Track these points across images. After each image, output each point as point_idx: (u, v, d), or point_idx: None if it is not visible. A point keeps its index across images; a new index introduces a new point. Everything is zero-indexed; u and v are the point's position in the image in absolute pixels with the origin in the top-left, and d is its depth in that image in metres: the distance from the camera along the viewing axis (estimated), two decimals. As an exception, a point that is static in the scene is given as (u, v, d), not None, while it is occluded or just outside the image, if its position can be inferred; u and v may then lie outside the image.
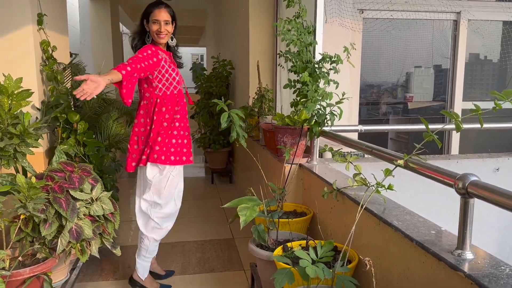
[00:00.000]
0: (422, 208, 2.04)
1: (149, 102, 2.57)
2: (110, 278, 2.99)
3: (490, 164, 3.18)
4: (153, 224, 2.65)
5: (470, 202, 1.39)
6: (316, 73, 2.71)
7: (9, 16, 2.87)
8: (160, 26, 2.50)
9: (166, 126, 2.57)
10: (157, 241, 2.71)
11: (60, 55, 3.35)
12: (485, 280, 1.23)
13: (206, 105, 5.88)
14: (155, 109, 2.55)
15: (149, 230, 2.66)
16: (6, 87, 2.14)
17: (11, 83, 2.16)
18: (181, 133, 2.63)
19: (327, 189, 2.32)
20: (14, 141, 2.14)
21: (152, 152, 2.52)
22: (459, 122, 1.49)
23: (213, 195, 5.26)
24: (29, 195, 2.09)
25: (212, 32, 8.74)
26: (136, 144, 2.61)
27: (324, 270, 1.67)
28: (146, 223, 2.66)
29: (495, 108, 1.39)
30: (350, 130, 3.23)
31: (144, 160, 2.55)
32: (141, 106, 2.60)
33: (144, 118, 2.60)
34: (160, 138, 2.53)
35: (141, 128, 2.60)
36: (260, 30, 4.42)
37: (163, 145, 2.54)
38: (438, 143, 1.59)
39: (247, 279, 2.95)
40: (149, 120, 2.57)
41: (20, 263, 2.24)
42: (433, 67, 5.26)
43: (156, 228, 2.66)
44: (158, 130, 2.54)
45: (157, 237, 2.69)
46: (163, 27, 2.51)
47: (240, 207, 2.13)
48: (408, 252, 1.61)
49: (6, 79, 2.16)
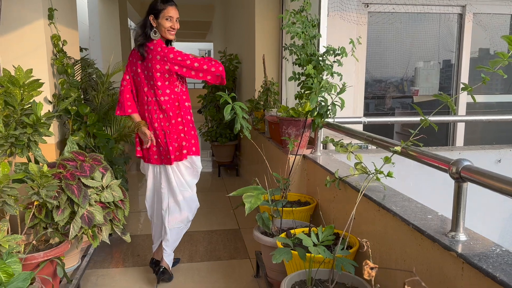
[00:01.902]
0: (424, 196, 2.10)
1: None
2: (120, 265, 3.08)
3: (492, 156, 3.22)
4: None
5: (463, 186, 1.45)
6: (320, 65, 2.77)
7: (22, 10, 2.96)
8: (173, 23, 2.62)
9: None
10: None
11: (70, 49, 3.44)
12: (476, 259, 1.29)
13: (213, 99, 5.96)
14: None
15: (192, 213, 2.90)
16: (17, 79, 2.23)
17: (21, 74, 2.25)
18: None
19: (330, 178, 2.39)
20: (27, 131, 2.23)
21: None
22: (452, 104, 1.54)
23: (220, 187, 5.34)
24: (41, 183, 2.18)
25: (219, 27, 8.80)
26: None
27: (325, 251, 1.74)
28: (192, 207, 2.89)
29: (484, 81, 1.44)
30: (353, 122, 3.29)
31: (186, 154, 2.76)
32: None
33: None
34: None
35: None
36: (266, 24, 4.48)
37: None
38: (434, 126, 1.65)
39: (252, 267, 3.03)
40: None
41: (34, 248, 2.34)
42: (439, 61, 5.28)
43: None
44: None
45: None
46: (176, 24, 2.64)
47: (245, 195, 2.20)
48: (406, 236, 1.67)
49: (16, 71, 2.25)
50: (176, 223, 2.80)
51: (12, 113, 2.25)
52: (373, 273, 1.07)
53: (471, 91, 1.49)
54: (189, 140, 2.72)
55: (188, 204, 2.82)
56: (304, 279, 1.89)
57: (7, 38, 2.94)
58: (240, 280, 2.85)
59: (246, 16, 5.10)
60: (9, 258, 1.76)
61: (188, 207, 2.83)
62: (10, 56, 2.93)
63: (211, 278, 2.89)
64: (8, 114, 2.26)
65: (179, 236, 2.87)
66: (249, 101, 4.33)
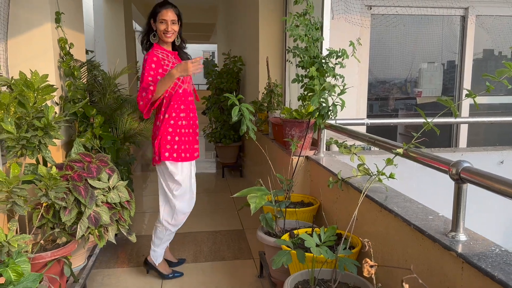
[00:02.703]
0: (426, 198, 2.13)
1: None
2: (125, 265, 3.12)
3: (494, 157, 3.24)
4: None
5: (463, 187, 1.48)
6: (323, 67, 2.80)
7: (29, 14, 3.01)
8: (167, 25, 2.63)
9: (185, 124, 2.72)
10: None
11: (77, 52, 3.49)
12: (475, 258, 1.32)
13: (217, 100, 6.01)
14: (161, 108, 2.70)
15: None
16: (32, 82, 2.28)
17: (37, 79, 2.30)
18: (187, 131, 2.75)
19: (332, 179, 2.42)
20: (38, 133, 2.28)
21: None
22: (455, 109, 1.57)
23: (224, 188, 5.38)
24: (50, 185, 2.22)
25: (223, 29, 8.85)
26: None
27: (327, 252, 1.77)
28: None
29: (488, 89, 1.47)
30: (356, 124, 3.32)
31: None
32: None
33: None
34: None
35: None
36: (269, 26, 4.52)
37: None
38: (436, 130, 1.68)
39: (256, 267, 3.06)
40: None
41: (42, 248, 2.38)
42: (442, 62, 5.30)
43: None
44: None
45: None
46: (170, 26, 2.63)
47: (250, 195, 2.23)
48: (407, 236, 1.70)
49: (32, 75, 2.30)
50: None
51: (24, 116, 2.30)
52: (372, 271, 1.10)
53: (475, 97, 1.52)
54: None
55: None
56: (307, 278, 1.92)
57: (15, 41, 2.99)
58: (244, 280, 2.89)
59: (250, 18, 5.14)
60: (18, 257, 1.80)
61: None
62: (18, 59, 2.98)
63: (215, 278, 2.93)
64: (20, 117, 2.31)
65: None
66: (253, 102, 4.36)
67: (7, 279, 1.69)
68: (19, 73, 2.37)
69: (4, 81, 2.34)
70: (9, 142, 2.22)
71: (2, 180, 2.07)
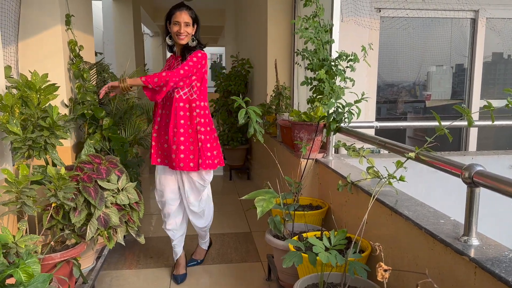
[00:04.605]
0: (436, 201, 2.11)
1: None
2: (133, 267, 3.13)
3: (505, 161, 3.21)
4: None
5: (476, 191, 1.46)
6: (333, 70, 2.79)
7: (40, 16, 3.04)
8: (180, 27, 2.62)
9: (158, 128, 2.82)
10: None
11: (86, 54, 3.51)
12: (488, 263, 1.30)
13: (224, 103, 6.01)
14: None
15: None
16: (33, 83, 2.29)
17: (37, 79, 2.31)
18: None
19: (342, 183, 2.41)
20: (44, 133, 2.29)
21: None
22: (471, 117, 1.56)
23: (231, 191, 5.37)
24: (59, 185, 2.23)
25: (231, 31, 8.86)
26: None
27: (336, 256, 1.76)
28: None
29: (507, 105, 1.45)
30: (366, 127, 3.30)
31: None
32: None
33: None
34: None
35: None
36: (278, 29, 4.52)
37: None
38: (449, 137, 1.66)
39: (264, 270, 3.05)
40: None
41: (51, 249, 2.39)
42: (451, 65, 5.26)
43: None
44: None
45: None
46: (183, 28, 2.63)
47: (257, 198, 2.22)
48: (418, 240, 1.68)
49: (32, 75, 2.31)
50: None
51: (29, 117, 2.31)
52: (386, 275, 1.09)
53: (493, 110, 1.50)
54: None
55: None
56: (317, 282, 1.90)
57: (25, 44, 3.02)
58: (252, 283, 2.88)
59: (258, 21, 5.14)
60: (28, 258, 1.80)
61: None
62: (28, 61, 3.01)
63: (222, 280, 2.92)
64: (26, 118, 2.32)
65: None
66: (261, 105, 4.36)
67: (18, 280, 1.70)
68: (20, 75, 2.39)
69: (15, 83, 2.36)
70: (16, 144, 2.24)
71: (12, 181, 2.08)
